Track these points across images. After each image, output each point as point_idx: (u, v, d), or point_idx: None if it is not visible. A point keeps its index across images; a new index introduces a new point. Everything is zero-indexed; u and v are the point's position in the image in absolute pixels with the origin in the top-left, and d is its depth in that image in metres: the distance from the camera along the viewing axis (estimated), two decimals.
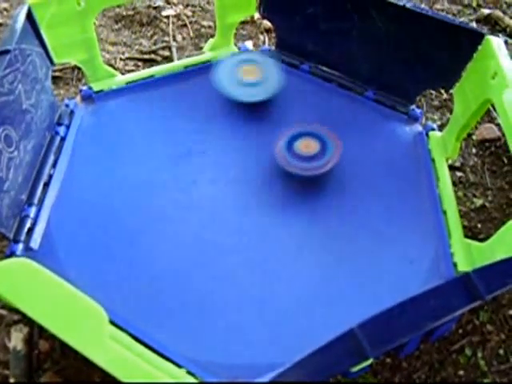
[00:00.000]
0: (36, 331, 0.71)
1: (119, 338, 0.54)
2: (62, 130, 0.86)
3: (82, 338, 0.50)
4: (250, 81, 0.92)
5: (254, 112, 0.92)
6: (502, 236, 0.69)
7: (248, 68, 0.94)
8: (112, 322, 0.60)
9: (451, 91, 0.88)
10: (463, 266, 0.73)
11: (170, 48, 1.12)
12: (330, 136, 0.85)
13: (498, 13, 1.21)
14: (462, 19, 1.20)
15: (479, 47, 0.81)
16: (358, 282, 0.73)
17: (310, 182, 0.83)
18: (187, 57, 1.06)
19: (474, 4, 1.25)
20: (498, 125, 0.98)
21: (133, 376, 0.49)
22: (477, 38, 0.81)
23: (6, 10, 1.18)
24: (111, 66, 1.04)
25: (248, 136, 0.89)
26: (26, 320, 0.71)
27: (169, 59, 1.09)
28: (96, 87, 0.93)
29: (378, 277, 0.73)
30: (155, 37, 1.15)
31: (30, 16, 0.79)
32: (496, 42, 0.79)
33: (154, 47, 1.12)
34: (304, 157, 0.83)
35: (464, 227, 0.81)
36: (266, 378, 0.47)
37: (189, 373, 0.61)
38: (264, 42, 1.13)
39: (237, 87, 0.92)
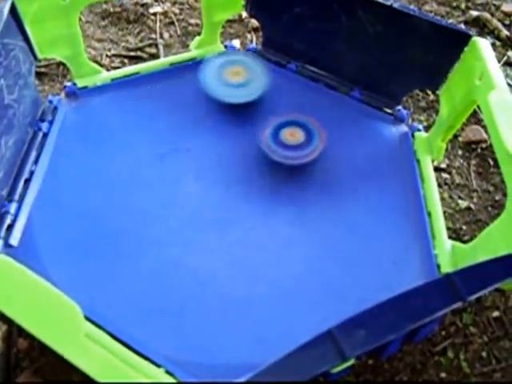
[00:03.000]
0: (15, 329, 0.70)
1: (96, 336, 0.53)
2: (44, 126, 0.85)
3: (57, 336, 0.49)
4: (235, 82, 0.92)
5: (241, 111, 0.91)
6: (485, 238, 0.69)
7: (234, 69, 0.94)
8: (91, 320, 0.60)
9: (438, 92, 0.88)
10: (447, 268, 0.72)
11: (156, 45, 1.11)
12: (315, 125, 0.86)
13: (487, 15, 1.21)
14: (450, 21, 1.19)
15: (466, 48, 0.81)
16: (340, 283, 0.72)
17: (295, 183, 0.83)
18: (174, 54, 1.05)
19: (463, 6, 1.25)
20: (484, 127, 0.98)
21: (108, 375, 0.48)
22: (463, 39, 0.80)
23: None
24: (97, 62, 1.03)
25: (233, 134, 0.88)
26: (4, 318, 0.70)
27: (155, 57, 1.08)
28: (80, 83, 0.91)
29: (361, 278, 0.73)
30: (142, 34, 1.14)
31: (13, 10, 0.78)
32: (483, 44, 0.79)
33: (140, 44, 1.11)
34: (289, 146, 0.84)
35: (449, 229, 0.81)
36: (245, 379, 0.46)
37: (167, 372, 0.61)
38: (251, 41, 1.13)
39: (222, 88, 0.91)
